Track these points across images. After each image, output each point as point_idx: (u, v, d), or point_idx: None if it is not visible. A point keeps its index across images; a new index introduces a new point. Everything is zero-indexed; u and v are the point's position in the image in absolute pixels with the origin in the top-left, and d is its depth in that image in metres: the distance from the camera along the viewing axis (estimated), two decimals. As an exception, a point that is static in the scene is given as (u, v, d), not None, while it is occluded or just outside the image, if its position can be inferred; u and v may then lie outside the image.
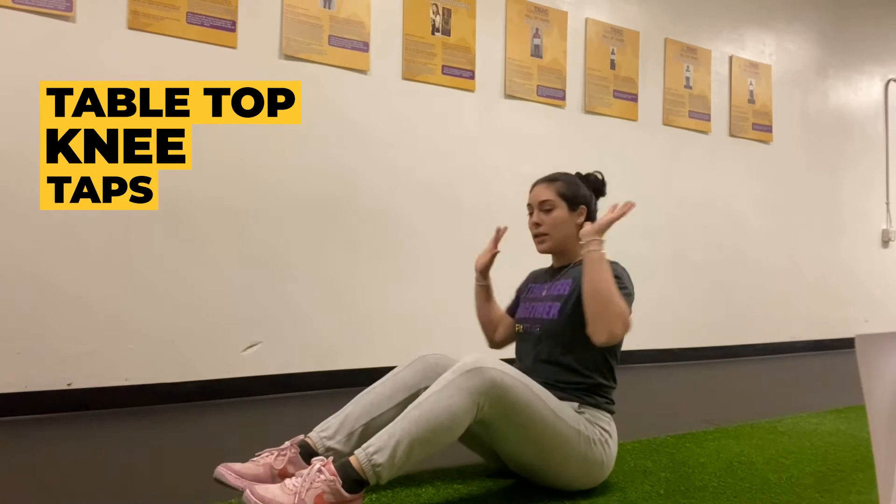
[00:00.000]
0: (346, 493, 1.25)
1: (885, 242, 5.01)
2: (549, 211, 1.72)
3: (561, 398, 1.56)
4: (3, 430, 2.14)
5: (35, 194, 2.38)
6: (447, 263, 3.22)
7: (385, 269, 3.05)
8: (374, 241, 3.03)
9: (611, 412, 1.64)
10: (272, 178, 2.81)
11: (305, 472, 1.27)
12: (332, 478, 1.25)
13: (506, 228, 1.91)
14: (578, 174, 1.82)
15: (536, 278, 1.88)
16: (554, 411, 1.46)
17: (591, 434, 1.53)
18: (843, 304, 4.76)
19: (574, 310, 1.60)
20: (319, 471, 1.26)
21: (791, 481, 1.68)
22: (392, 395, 1.55)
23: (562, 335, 1.62)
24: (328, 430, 1.51)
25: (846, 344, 4.70)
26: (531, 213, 1.76)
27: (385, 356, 2.97)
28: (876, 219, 4.99)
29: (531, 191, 1.80)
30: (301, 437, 1.51)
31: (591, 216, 1.76)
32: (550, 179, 1.77)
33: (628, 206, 1.57)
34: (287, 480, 1.27)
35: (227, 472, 1.41)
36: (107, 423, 2.25)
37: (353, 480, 1.26)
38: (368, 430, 1.49)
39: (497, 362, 1.41)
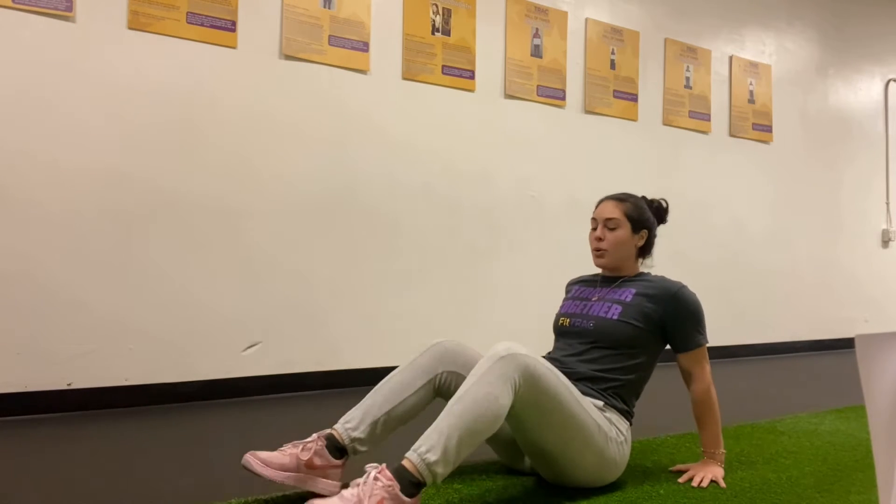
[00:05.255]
0: (405, 498, 1.25)
1: (885, 242, 5.01)
2: (613, 229, 1.77)
3: (590, 395, 1.61)
4: (3, 430, 2.14)
5: (35, 194, 2.38)
6: (447, 263, 3.22)
7: (385, 269, 3.05)
8: (373, 241, 3.03)
9: (629, 421, 1.68)
10: (272, 178, 2.81)
11: (360, 480, 1.27)
12: (389, 483, 1.25)
13: None
14: (644, 198, 1.86)
15: (583, 282, 1.92)
16: (579, 402, 1.49)
17: (609, 431, 1.55)
18: (843, 304, 4.76)
19: (635, 318, 1.67)
20: (376, 478, 1.26)
21: (791, 481, 1.68)
22: (411, 381, 1.55)
23: (616, 335, 1.67)
24: (352, 421, 1.51)
25: (846, 344, 4.71)
26: (594, 228, 1.80)
27: (385, 356, 2.97)
28: (876, 219, 4.99)
29: (598, 205, 1.83)
30: (327, 430, 1.51)
31: (650, 241, 1.82)
32: (620, 199, 1.81)
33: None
34: (344, 491, 1.26)
35: (254, 460, 1.41)
36: (107, 423, 2.25)
37: (410, 483, 1.27)
38: (391, 418, 1.51)
39: (527, 349, 1.42)
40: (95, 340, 2.46)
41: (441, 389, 1.58)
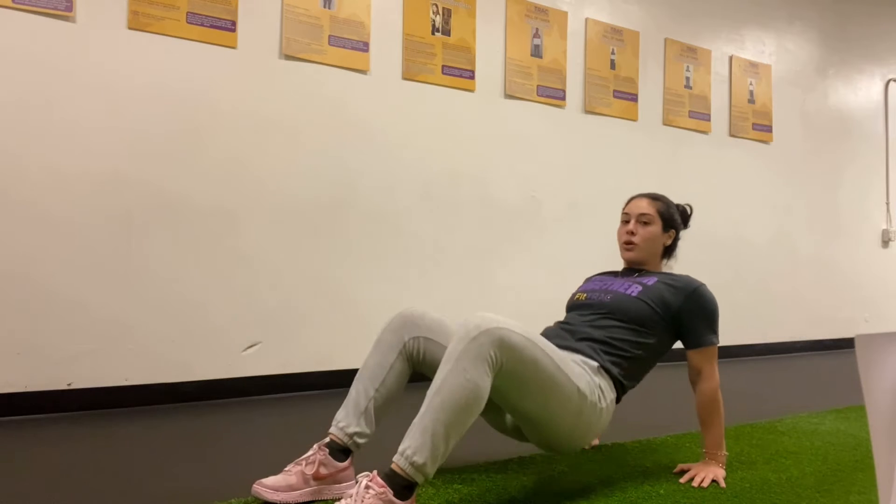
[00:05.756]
0: (399, 502, 1.26)
1: (885, 242, 5.01)
2: (646, 224, 1.84)
3: (587, 354, 1.62)
4: (3, 430, 2.14)
5: (34, 194, 2.38)
6: (447, 263, 3.22)
7: (385, 269, 3.05)
8: (373, 241, 3.03)
9: (618, 394, 1.68)
10: (271, 179, 2.81)
11: (353, 491, 1.26)
12: (381, 490, 1.25)
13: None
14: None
15: (604, 273, 1.99)
16: (558, 365, 1.48)
17: (591, 395, 1.55)
18: (843, 304, 4.76)
19: (653, 301, 1.71)
20: (367, 487, 1.26)
21: (791, 481, 1.68)
22: (383, 360, 1.57)
23: (631, 310, 1.71)
24: (343, 419, 1.52)
25: (846, 344, 4.71)
26: (627, 222, 1.86)
27: (385, 356, 2.97)
28: (876, 219, 4.99)
29: (631, 201, 1.90)
30: (325, 438, 1.52)
31: (675, 242, 1.90)
32: (654, 197, 1.88)
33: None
34: (337, 503, 1.27)
35: (262, 489, 1.42)
36: (107, 423, 2.25)
37: (401, 487, 1.27)
38: (378, 401, 1.53)
39: (500, 319, 1.39)
40: (95, 340, 2.47)
41: (413, 357, 1.58)
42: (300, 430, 2.17)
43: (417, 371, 1.61)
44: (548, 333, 1.76)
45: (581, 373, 1.55)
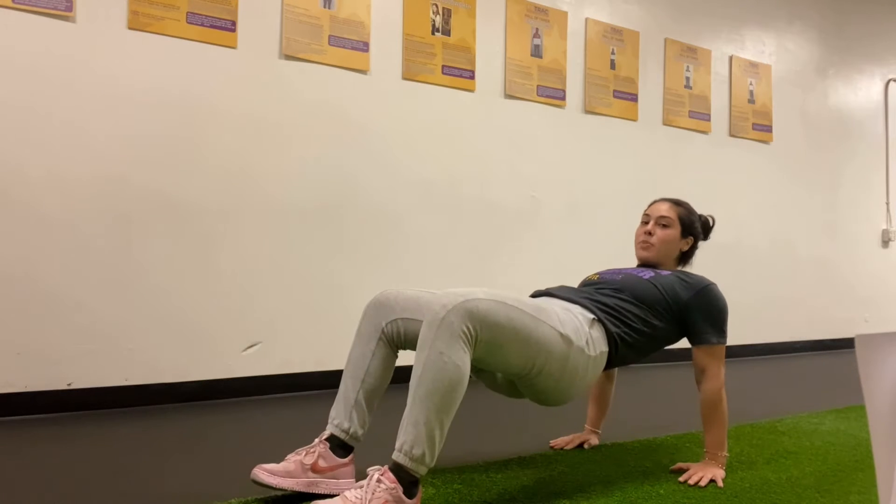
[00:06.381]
0: (407, 500, 1.27)
1: (885, 242, 5.01)
2: (665, 227, 1.89)
3: (586, 307, 1.63)
4: (3, 430, 2.14)
5: (34, 195, 2.38)
6: (447, 263, 3.22)
7: (384, 270, 3.05)
8: (373, 241, 3.03)
9: (612, 355, 1.65)
10: (271, 178, 2.81)
11: (364, 482, 1.27)
12: (392, 486, 1.26)
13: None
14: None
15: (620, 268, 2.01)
16: (535, 316, 1.46)
17: (577, 340, 1.53)
18: (843, 304, 4.76)
19: (664, 288, 1.73)
20: (379, 480, 1.26)
21: (791, 481, 1.68)
22: (365, 350, 1.57)
23: (641, 291, 1.72)
24: (337, 416, 1.53)
25: (846, 344, 4.71)
26: (646, 223, 1.90)
27: (385, 356, 2.97)
28: (876, 219, 4.99)
29: (653, 204, 1.95)
30: (327, 433, 1.52)
31: (692, 250, 1.94)
32: (676, 202, 1.94)
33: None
34: (348, 492, 1.27)
35: (261, 472, 1.43)
36: (107, 423, 2.25)
37: (407, 482, 1.28)
38: (367, 391, 1.54)
39: (465, 291, 1.37)
40: (95, 340, 2.46)
41: (394, 340, 1.57)
42: (300, 430, 2.17)
43: (405, 350, 1.60)
44: (553, 287, 1.80)
45: (569, 319, 1.54)
